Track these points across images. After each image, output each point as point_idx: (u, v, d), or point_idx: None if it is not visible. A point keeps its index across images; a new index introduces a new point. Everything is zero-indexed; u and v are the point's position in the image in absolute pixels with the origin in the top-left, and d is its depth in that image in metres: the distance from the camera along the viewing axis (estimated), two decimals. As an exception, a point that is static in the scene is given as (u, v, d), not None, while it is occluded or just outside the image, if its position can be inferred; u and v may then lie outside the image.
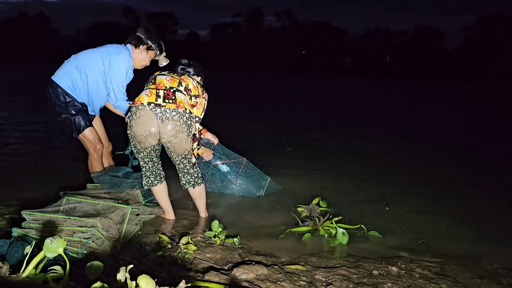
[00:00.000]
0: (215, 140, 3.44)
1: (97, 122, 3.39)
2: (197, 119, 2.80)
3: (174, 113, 2.54)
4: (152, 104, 2.53)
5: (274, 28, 56.50)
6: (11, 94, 12.37)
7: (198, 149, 3.05)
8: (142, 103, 2.55)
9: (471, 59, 43.25)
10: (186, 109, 2.59)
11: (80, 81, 3.08)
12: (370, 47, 49.75)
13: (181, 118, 2.56)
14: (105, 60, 3.03)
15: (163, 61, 3.21)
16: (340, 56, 51.09)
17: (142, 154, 2.71)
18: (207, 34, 59.54)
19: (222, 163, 3.61)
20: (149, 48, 3.11)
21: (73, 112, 3.10)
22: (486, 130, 8.94)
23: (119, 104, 3.13)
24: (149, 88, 2.62)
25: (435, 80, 37.22)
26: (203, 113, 2.86)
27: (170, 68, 2.95)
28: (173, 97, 2.57)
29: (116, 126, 3.65)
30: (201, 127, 3.29)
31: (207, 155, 3.33)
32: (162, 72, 2.76)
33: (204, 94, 2.84)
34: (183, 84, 2.68)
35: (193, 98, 2.72)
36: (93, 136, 3.21)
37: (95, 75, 3.07)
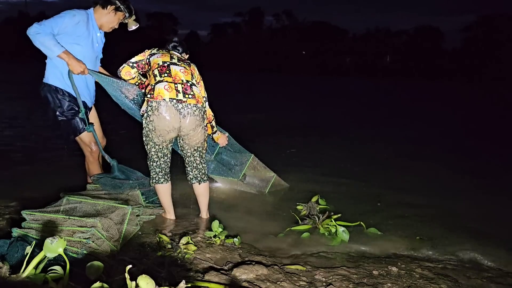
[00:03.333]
0: (222, 144, 3.45)
1: (92, 117, 3.36)
2: (204, 98, 2.89)
3: (194, 108, 2.67)
4: (174, 100, 2.63)
5: (274, 28, 56.50)
6: (11, 94, 12.37)
7: (215, 132, 3.17)
8: (164, 99, 2.61)
9: (471, 59, 43.22)
10: (203, 104, 2.75)
11: (67, 68, 2.94)
12: (370, 47, 49.74)
13: (200, 112, 2.72)
14: None
15: (133, 25, 3.13)
16: (340, 56, 51.07)
17: (156, 148, 2.76)
18: (207, 34, 59.60)
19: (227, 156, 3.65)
20: (117, 9, 3.01)
21: (70, 116, 3.06)
22: (486, 129, 8.94)
23: (36, 28, 2.78)
24: (167, 82, 2.67)
25: (435, 80, 37.21)
26: (205, 92, 2.94)
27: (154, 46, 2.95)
28: (192, 92, 2.69)
29: (120, 129, 3.65)
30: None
31: (222, 140, 3.38)
32: (172, 60, 2.78)
33: (200, 77, 2.92)
34: (194, 75, 2.82)
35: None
36: (89, 139, 3.17)
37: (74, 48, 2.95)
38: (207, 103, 2.94)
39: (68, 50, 2.86)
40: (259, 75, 35.50)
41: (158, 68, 2.74)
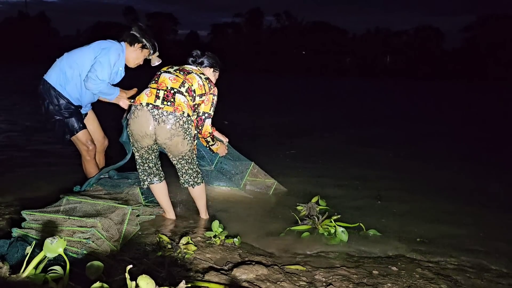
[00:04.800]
0: (224, 139, 3.37)
1: (90, 119, 3.37)
2: (206, 115, 2.77)
3: (170, 116, 2.53)
4: (150, 105, 2.54)
5: (274, 28, 56.48)
6: (11, 94, 12.38)
7: (212, 145, 2.99)
8: (141, 103, 2.56)
9: (471, 59, 43.23)
10: (183, 112, 2.57)
11: (73, 81, 3.04)
12: (370, 47, 49.72)
13: (178, 121, 2.55)
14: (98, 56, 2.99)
15: (156, 61, 3.19)
16: (340, 56, 51.04)
17: (139, 153, 2.73)
18: (207, 34, 59.52)
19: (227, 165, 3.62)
20: (143, 47, 3.10)
21: (67, 115, 3.08)
22: (487, 129, 8.94)
23: (98, 85, 2.94)
24: (150, 88, 2.63)
25: (435, 80, 37.21)
26: (212, 109, 2.80)
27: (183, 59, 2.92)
28: (172, 99, 2.56)
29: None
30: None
31: (222, 150, 3.25)
32: (169, 69, 2.74)
33: (212, 90, 2.78)
34: (186, 84, 2.65)
35: (197, 98, 2.69)
36: (86, 137, 3.20)
37: None
38: (208, 120, 2.79)
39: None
40: (259, 75, 35.50)
41: (153, 77, 2.74)
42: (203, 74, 2.79)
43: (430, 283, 2.18)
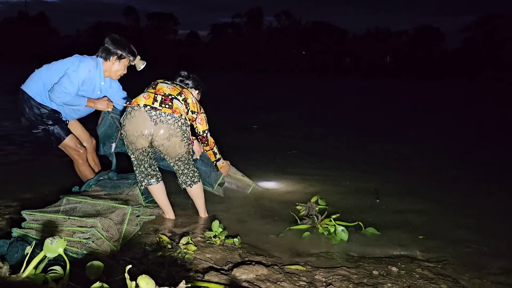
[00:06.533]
0: (197, 153, 3.28)
1: (73, 123, 3.34)
2: (206, 131, 2.95)
3: (169, 117, 2.57)
4: (148, 107, 2.57)
5: (274, 29, 56.49)
6: (10, 94, 12.39)
7: (217, 161, 3.20)
8: (138, 104, 2.59)
9: (471, 59, 43.22)
10: (181, 115, 2.63)
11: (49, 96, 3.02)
12: (370, 47, 49.72)
13: (176, 122, 2.59)
14: None
15: (140, 64, 3.14)
16: (340, 56, 51.06)
17: (135, 154, 2.73)
18: (207, 34, 59.55)
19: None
20: (120, 57, 3.04)
21: (50, 123, 3.06)
22: (486, 129, 8.94)
23: (63, 97, 2.90)
24: (148, 92, 2.67)
25: (435, 80, 37.21)
26: (207, 125, 2.95)
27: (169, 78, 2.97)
28: (170, 103, 2.62)
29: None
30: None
31: (225, 169, 3.41)
32: (165, 81, 2.79)
33: (202, 110, 2.91)
34: (183, 95, 2.73)
35: (190, 112, 2.76)
36: (74, 142, 3.18)
37: None
38: (209, 133, 2.97)
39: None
40: (260, 75, 35.51)
41: (147, 86, 2.77)
42: (192, 94, 2.87)
43: (430, 283, 2.18)
